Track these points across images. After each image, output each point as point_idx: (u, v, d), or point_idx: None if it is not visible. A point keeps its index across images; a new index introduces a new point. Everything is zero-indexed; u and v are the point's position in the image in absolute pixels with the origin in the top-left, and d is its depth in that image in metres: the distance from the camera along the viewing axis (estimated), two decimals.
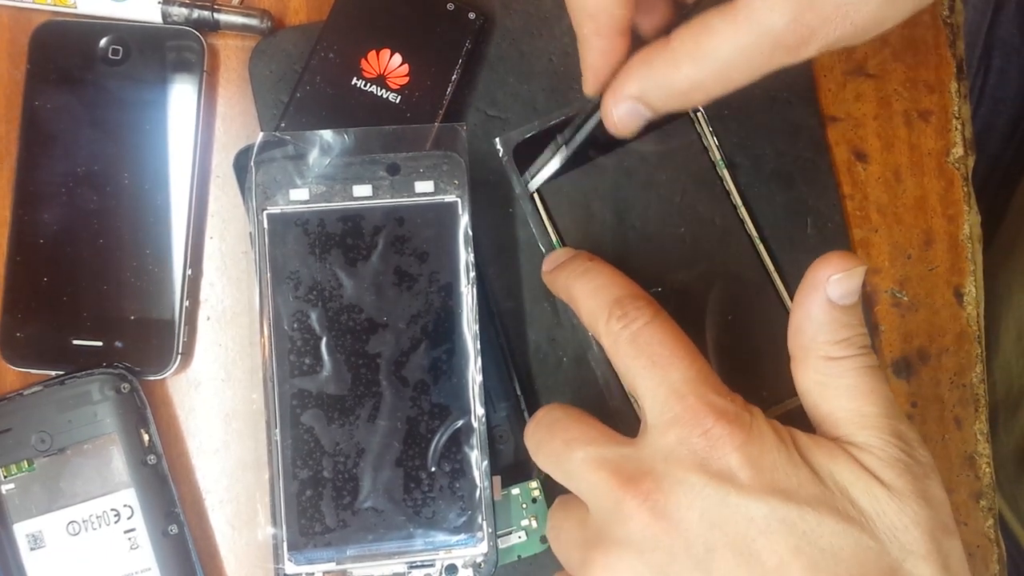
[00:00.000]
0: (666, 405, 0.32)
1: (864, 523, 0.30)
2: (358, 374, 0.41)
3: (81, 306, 0.44)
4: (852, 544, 0.29)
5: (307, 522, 0.40)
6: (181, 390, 0.46)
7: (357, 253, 0.41)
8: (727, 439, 0.30)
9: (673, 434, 0.31)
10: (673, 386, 0.32)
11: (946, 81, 0.48)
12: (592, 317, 0.35)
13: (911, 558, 0.30)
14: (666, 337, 0.33)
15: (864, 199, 0.47)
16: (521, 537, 0.43)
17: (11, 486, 0.43)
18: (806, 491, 0.30)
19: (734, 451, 0.30)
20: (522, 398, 0.43)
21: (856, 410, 0.32)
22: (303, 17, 0.47)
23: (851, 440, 0.32)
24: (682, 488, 0.30)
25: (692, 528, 0.30)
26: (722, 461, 0.30)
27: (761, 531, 0.29)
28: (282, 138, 0.41)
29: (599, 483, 0.32)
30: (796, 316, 0.34)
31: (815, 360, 0.33)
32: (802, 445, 0.31)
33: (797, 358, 0.34)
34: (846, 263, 0.32)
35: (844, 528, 0.30)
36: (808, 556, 0.29)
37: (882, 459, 0.31)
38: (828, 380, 0.33)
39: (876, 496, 0.30)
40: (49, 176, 0.45)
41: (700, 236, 0.44)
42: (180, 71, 0.45)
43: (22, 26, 0.46)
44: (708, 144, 0.44)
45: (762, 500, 0.30)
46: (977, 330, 0.47)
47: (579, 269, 0.37)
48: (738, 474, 0.30)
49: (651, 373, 0.33)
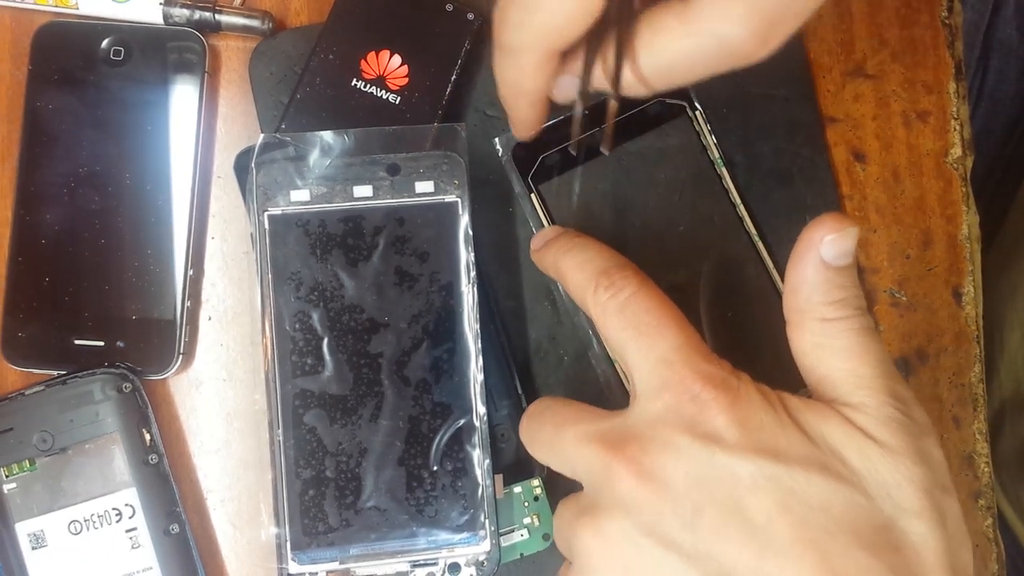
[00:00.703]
0: (654, 373, 0.32)
1: (855, 481, 0.30)
2: (360, 374, 0.41)
3: (83, 306, 0.44)
4: (842, 501, 0.29)
5: (310, 522, 0.40)
6: (182, 390, 0.46)
7: (358, 253, 0.41)
8: (714, 402, 0.30)
9: (661, 401, 0.31)
10: (661, 354, 0.32)
11: (944, 82, 0.48)
12: (580, 290, 0.35)
13: (905, 515, 0.29)
14: (653, 305, 0.33)
15: (863, 199, 0.47)
16: (523, 535, 0.43)
17: (13, 485, 0.43)
18: (795, 451, 0.30)
19: (721, 413, 0.30)
20: (523, 396, 0.44)
21: (851, 371, 0.32)
22: (304, 19, 0.47)
23: (846, 401, 0.32)
24: (669, 450, 0.30)
25: (679, 488, 0.30)
26: (709, 424, 0.30)
27: (748, 489, 0.29)
28: (283, 139, 0.41)
29: (589, 455, 0.32)
30: (791, 278, 0.33)
31: (810, 322, 0.33)
32: (792, 408, 0.31)
33: (792, 322, 0.34)
34: (840, 224, 0.32)
35: (834, 486, 0.29)
36: (796, 513, 0.29)
37: (876, 418, 0.31)
38: (823, 342, 0.33)
39: (868, 455, 0.30)
40: (51, 176, 0.45)
41: (699, 234, 0.44)
42: (181, 72, 0.45)
43: (24, 27, 0.46)
44: (707, 143, 0.45)
45: (749, 459, 0.29)
46: (976, 330, 0.48)
47: (566, 245, 0.37)
48: (725, 435, 0.30)
49: (639, 343, 0.33)
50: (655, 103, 0.44)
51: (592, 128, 0.44)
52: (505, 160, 0.44)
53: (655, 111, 0.44)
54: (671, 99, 0.44)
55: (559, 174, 0.44)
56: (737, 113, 0.46)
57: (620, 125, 0.44)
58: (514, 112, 0.38)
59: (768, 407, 0.31)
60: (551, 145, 0.44)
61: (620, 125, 0.44)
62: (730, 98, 0.46)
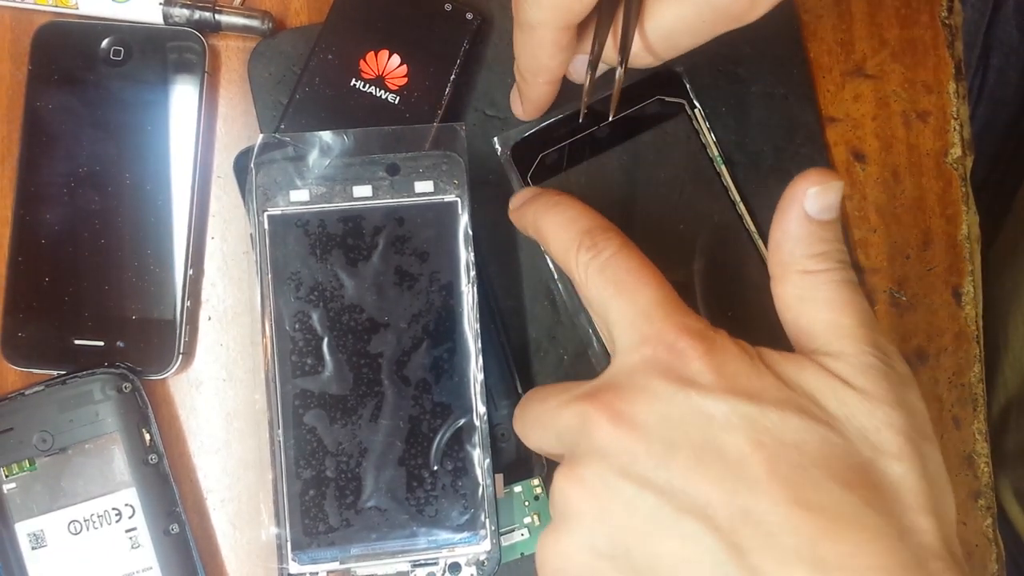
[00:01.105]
0: (633, 327, 0.32)
1: (832, 423, 0.30)
2: (360, 374, 0.41)
3: (83, 306, 0.44)
4: (818, 440, 0.29)
5: (310, 522, 0.40)
6: (182, 390, 0.46)
7: (358, 253, 0.41)
8: (691, 350, 0.31)
9: (639, 353, 0.32)
10: (641, 308, 0.32)
11: (944, 82, 0.48)
12: (562, 250, 0.36)
13: (883, 457, 0.29)
14: (632, 264, 0.34)
15: (863, 199, 0.47)
16: (524, 535, 0.43)
17: (13, 485, 0.43)
18: (769, 393, 0.30)
19: (697, 359, 0.30)
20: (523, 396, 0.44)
21: (832, 321, 0.32)
22: (304, 19, 0.47)
23: (826, 351, 0.32)
24: (644, 394, 0.31)
25: (653, 429, 0.30)
26: (685, 368, 0.30)
27: (722, 427, 0.29)
28: (282, 140, 0.41)
29: (569, 414, 0.32)
30: (775, 233, 0.34)
31: (793, 275, 0.33)
32: (769, 359, 0.31)
33: (776, 276, 0.34)
34: (824, 178, 0.33)
35: (809, 425, 0.29)
36: (770, 449, 0.29)
37: (854, 366, 0.31)
38: (805, 293, 0.33)
39: (845, 400, 0.30)
40: (51, 176, 0.45)
41: (699, 233, 0.44)
42: (181, 72, 0.45)
43: (24, 27, 0.46)
44: (706, 141, 0.45)
45: (723, 399, 0.30)
46: (976, 330, 0.48)
47: (548, 203, 0.38)
48: (700, 379, 0.30)
49: (619, 300, 0.33)
50: (654, 101, 0.44)
51: (592, 128, 0.44)
52: (504, 159, 0.44)
53: (654, 110, 0.44)
54: (670, 98, 0.44)
55: (558, 173, 0.44)
56: (737, 112, 0.46)
57: (620, 124, 0.44)
58: (530, 90, 0.40)
59: (744, 355, 0.31)
60: (550, 144, 0.44)
61: (620, 124, 0.44)
62: (729, 97, 0.46)
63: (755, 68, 0.47)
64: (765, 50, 0.46)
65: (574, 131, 0.44)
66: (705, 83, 0.45)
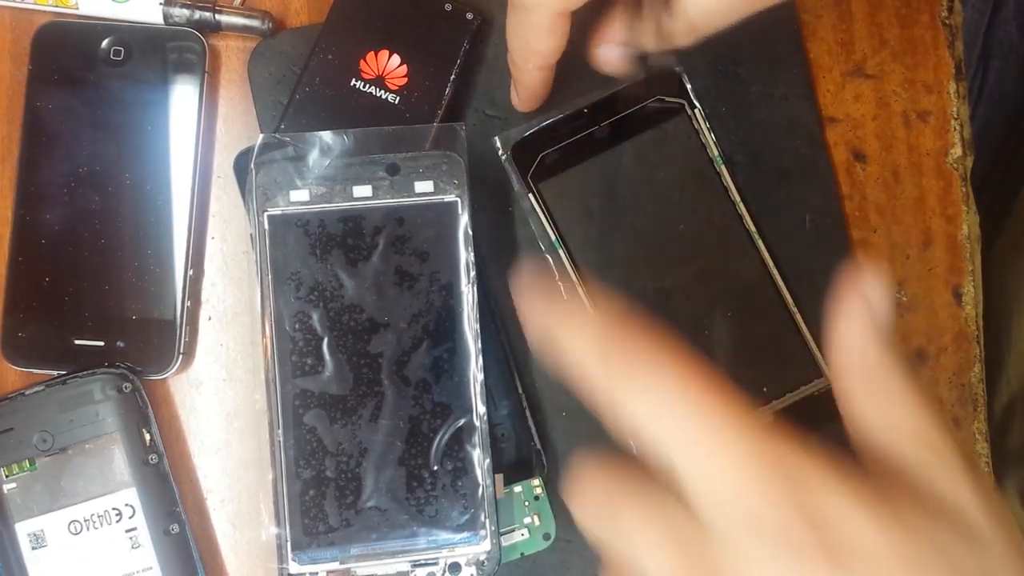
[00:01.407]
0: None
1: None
2: (360, 374, 0.41)
3: (83, 306, 0.44)
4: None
5: (310, 522, 0.40)
6: (182, 390, 0.46)
7: (358, 253, 0.41)
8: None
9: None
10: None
11: (944, 82, 0.48)
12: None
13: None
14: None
15: (863, 200, 0.47)
16: (524, 535, 0.43)
17: (13, 485, 0.43)
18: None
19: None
20: (523, 396, 0.44)
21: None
22: (304, 19, 0.47)
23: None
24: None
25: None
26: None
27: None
28: (282, 140, 0.41)
29: (662, 560, 0.25)
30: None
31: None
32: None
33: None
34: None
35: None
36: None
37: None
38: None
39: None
40: (51, 176, 0.45)
41: (699, 233, 0.44)
42: (181, 72, 0.45)
43: (24, 27, 0.46)
44: (706, 141, 0.45)
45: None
46: (976, 330, 0.48)
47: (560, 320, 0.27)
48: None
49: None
50: (654, 101, 0.44)
51: (591, 127, 0.44)
52: (504, 159, 0.44)
53: (654, 110, 0.44)
54: (670, 98, 0.44)
55: (558, 173, 0.44)
56: (737, 112, 0.46)
57: (620, 124, 0.44)
58: (522, 76, 0.40)
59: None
60: (550, 144, 0.44)
61: (620, 124, 0.44)
62: (729, 97, 0.46)
63: (755, 68, 0.47)
64: (765, 50, 0.46)
65: (574, 131, 0.44)
66: (705, 83, 0.45)
